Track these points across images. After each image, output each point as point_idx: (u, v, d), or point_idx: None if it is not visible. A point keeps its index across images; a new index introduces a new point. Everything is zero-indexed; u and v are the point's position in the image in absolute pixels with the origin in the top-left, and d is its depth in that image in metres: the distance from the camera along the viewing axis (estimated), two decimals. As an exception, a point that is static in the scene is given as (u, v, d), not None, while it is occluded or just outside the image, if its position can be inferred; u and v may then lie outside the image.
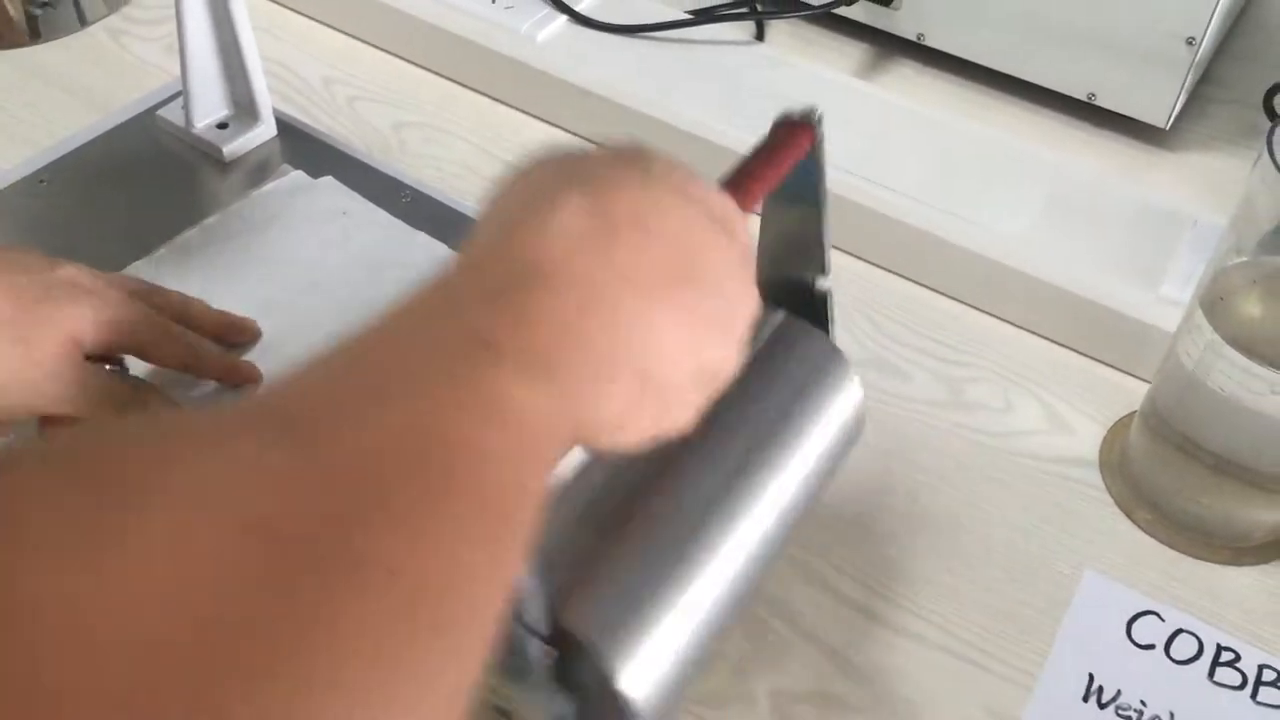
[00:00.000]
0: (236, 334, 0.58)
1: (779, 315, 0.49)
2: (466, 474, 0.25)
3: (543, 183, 0.33)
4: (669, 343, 0.32)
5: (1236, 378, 0.53)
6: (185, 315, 0.55)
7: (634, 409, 0.32)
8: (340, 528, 0.22)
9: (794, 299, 0.50)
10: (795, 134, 0.47)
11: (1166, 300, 0.64)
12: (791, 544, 0.56)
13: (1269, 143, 0.50)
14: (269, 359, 0.57)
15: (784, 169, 0.45)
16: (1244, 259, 0.53)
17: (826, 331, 0.50)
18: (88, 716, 0.18)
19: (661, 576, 0.40)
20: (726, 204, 0.37)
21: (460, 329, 0.27)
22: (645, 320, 0.31)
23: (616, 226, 0.31)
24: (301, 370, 0.26)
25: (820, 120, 0.47)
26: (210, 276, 0.62)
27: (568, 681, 0.39)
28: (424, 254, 0.64)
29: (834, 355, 0.49)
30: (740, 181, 0.42)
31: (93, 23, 0.56)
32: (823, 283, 0.50)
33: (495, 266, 0.30)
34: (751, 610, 0.55)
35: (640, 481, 0.42)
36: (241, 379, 0.56)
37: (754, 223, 0.44)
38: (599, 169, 0.34)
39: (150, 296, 0.54)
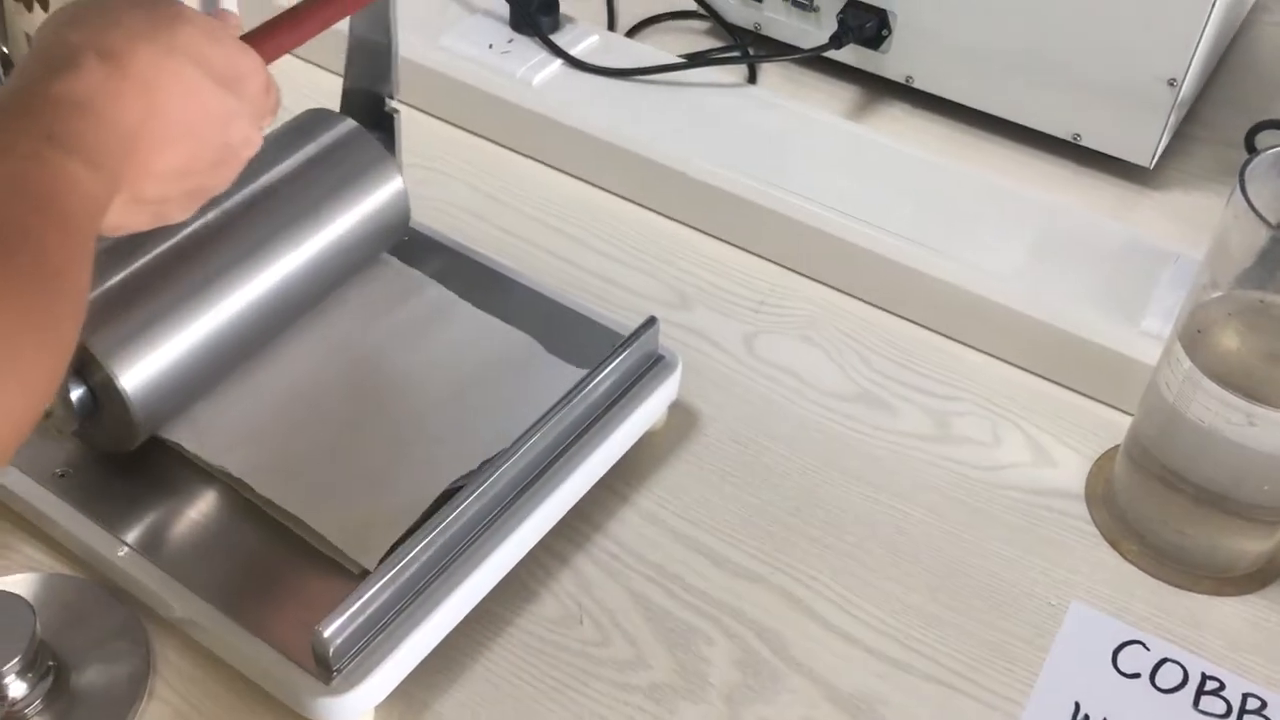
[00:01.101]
0: None
1: (346, 122, 0.63)
2: (57, 204, 0.37)
3: (75, 31, 0.42)
4: (165, 170, 0.44)
5: (1215, 409, 0.54)
6: None
7: (131, 212, 0.44)
8: None
9: (371, 112, 0.64)
10: None
11: (1148, 334, 0.65)
12: (780, 573, 0.58)
13: (1241, 180, 0.51)
14: (276, 376, 0.60)
15: (336, 12, 0.54)
16: (1219, 293, 0.54)
17: (392, 140, 0.64)
18: None
19: (166, 304, 0.55)
20: (241, 63, 0.47)
21: (33, 127, 0.39)
22: (145, 154, 0.43)
23: (130, 82, 0.42)
24: None
25: None
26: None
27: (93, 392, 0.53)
28: (417, 290, 0.65)
29: (380, 155, 0.63)
30: (271, 32, 0.51)
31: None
32: (390, 105, 0.64)
33: (45, 92, 0.40)
34: (740, 638, 0.56)
35: (173, 247, 0.56)
36: None
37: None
38: (124, 33, 0.43)
39: None
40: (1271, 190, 0.52)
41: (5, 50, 0.68)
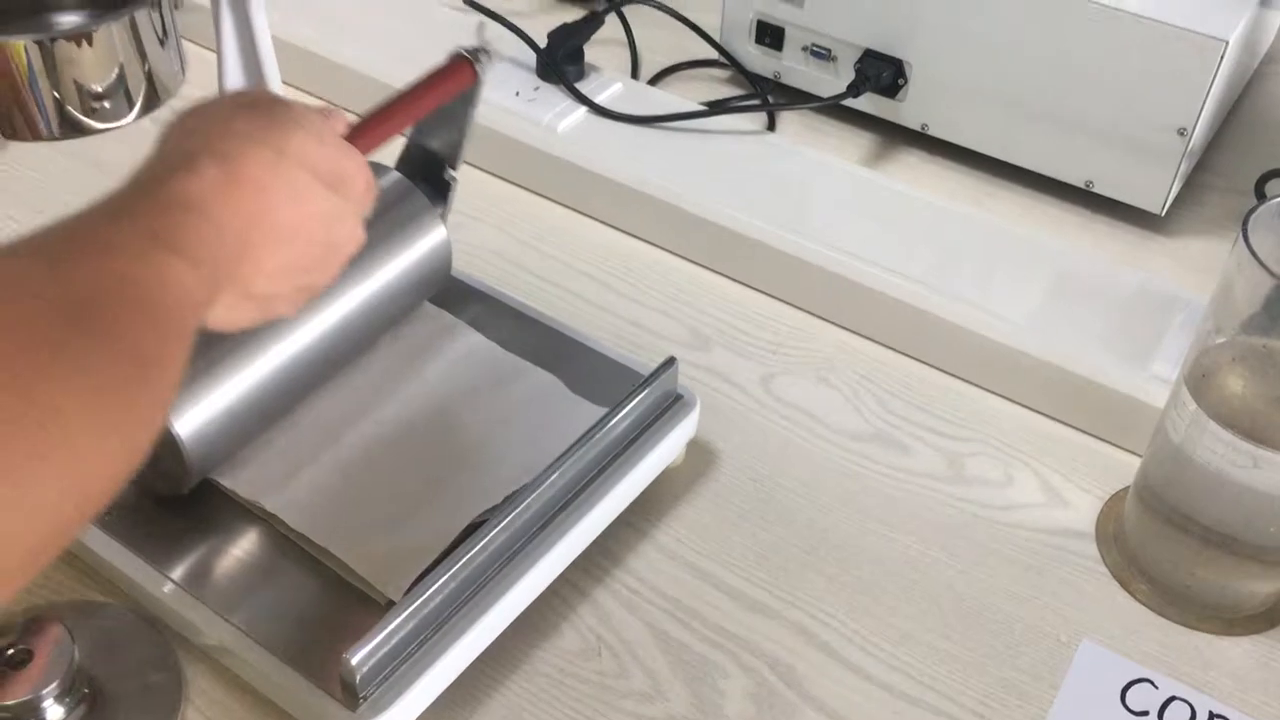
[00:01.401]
0: None
1: (390, 174, 0.65)
2: (153, 298, 0.38)
3: (193, 136, 0.45)
4: (274, 268, 0.46)
5: (1220, 451, 0.55)
6: None
7: (240, 308, 0.47)
8: (74, 322, 0.35)
9: (426, 171, 0.65)
10: (461, 69, 0.58)
11: (1158, 378, 0.67)
12: (794, 608, 0.59)
13: (1244, 229, 0.53)
14: (312, 416, 0.62)
15: (431, 104, 0.58)
16: (1224, 339, 0.55)
17: (445, 204, 0.65)
18: None
19: (218, 353, 0.57)
20: (347, 165, 0.49)
21: (140, 225, 0.40)
22: (255, 253, 0.45)
23: (242, 185, 0.44)
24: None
25: (485, 60, 0.59)
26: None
27: None
28: (449, 333, 0.67)
29: (426, 207, 0.64)
30: (370, 128, 0.54)
31: (145, 115, 0.60)
32: (450, 174, 0.65)
33: (157, 191, 0.42)
34: (755, 672, 0.58)
35: None
36: None
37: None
38: (238, 138, 0.45)
39: None
40: (1275, 239, 0.53)
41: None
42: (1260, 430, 0.55)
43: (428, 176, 0.65)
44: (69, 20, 0.60)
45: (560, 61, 0.86)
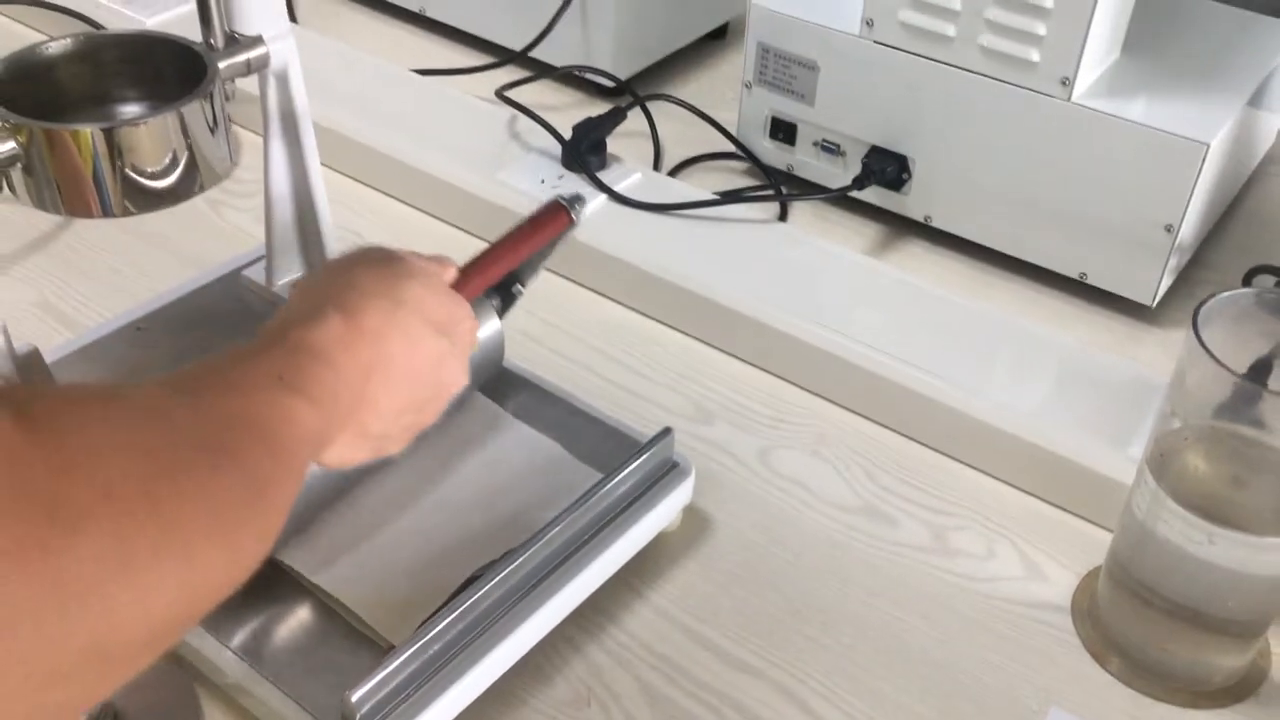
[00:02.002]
0: None
1: None
2: (272, 433, 0.42)
3: (320, 291, 0.50)
4: (388, 409, 0.50)
5: (1179, 528, 0.59)
6: None
7: (356, 446, 0.51)
8: (202, 449, 0.38)
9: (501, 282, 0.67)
10: (558, 215, 0.64)
11: (1132, 459, 0.70)
12: (777, 668, 0.62)
13: (1194, 321, 0.56)
14: (332, 478, 0.66)
15: (532, 249, 0.64)
16: (1180, 423, 0.59)
17: (506, 308, 0.68)
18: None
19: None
20: (455, 310, 0.53)
21: (266, 367, 0.45)
22: (371, 396, 0.49)
23: (362, 334, 0.49)
24: (185, 370, 0.43)
25: (580, 207, 0.65)
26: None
27: None
28: (472, 410, 0.72)
29: (484, 303, 0.67)
30: (475, 274, 0.60)
31: (195, 195, 0.66)
32: (519, 289, 0.68)
33: (285, 338, 0.47)
34: (736, 728, 0.61)
35: None
36: None
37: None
38: (359, 292, 0.50)
39: None
40: (1225, 330, 0.57)
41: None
42: (1216, 509, 0.58)
43: (498, 285, 0.67)
44: (130, 110, 0.66)
45: (584, 152, 0.91)
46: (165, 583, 0.35)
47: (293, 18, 1.14)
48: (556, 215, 0.65)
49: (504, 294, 0.70)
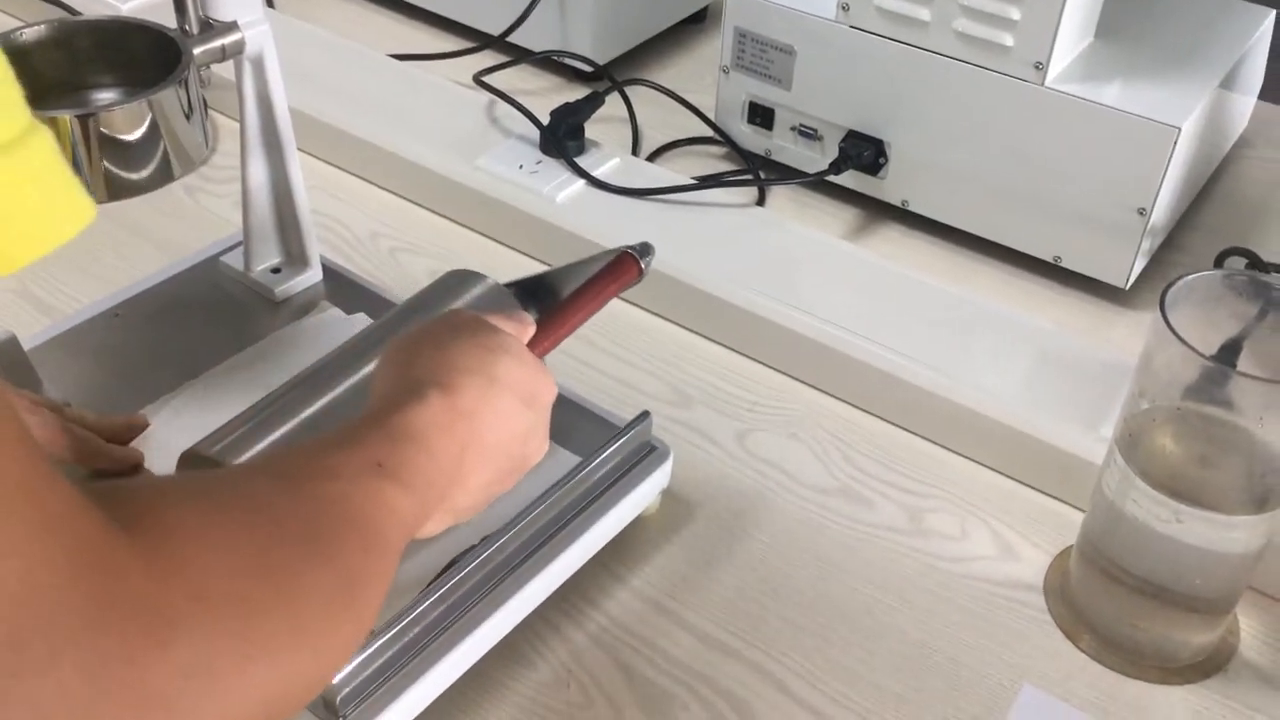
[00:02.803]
0: (125, 434, 0.66)
1: (485, 281, 0.67)
2: (367, 521, 0.42)
3: (418, 364, 0.50)
4: (476, 485, 0.51)
5: (1147, 507, 0.59)
6: (80, 420, 0.63)
7: (442, 521, 0.52)
8: (299, 544, 0.39)
9: (542, 300, 0.67)
10: (628, 266, 0.64)
11: (1104, 440, 0.70)
12: (754, 648, 0.63)
13: (1161, 304, 0.57)
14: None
15: (603, 302, 0.63)
16: (1148, 404, 0.59)
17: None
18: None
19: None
20: (541, 383, 0.53)
21: (366, 454, 0.45)
22: (463, 475, 0.50)
23: (460, 415, 0.49)
24: (289, 451, 0.42)
25: (649, 257, 0.65)
26: (254, 393, 0.71)
27: None
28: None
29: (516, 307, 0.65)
30: (557, 324, 0.61)
31: (171, 181, 0.66)
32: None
33: (386, 422, 0.47)
34: (713, 706, 0.62)
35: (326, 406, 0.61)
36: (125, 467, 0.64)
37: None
38: (457, 369, 0.50)
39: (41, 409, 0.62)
40: (1191, 312, 0.58)
41: None
42: (1184, 488, 0.59)
43: (539, 302, 0.67)
44: (105, 97, 0.66)
45: (562, 138, 0.92)
46: (250, 693, 0.35)
47: (268, 2, 1.14)
48: (626, 267, 0.65)
49: (542, 309, 0.67)
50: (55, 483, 0.31)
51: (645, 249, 0.65)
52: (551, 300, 0.67)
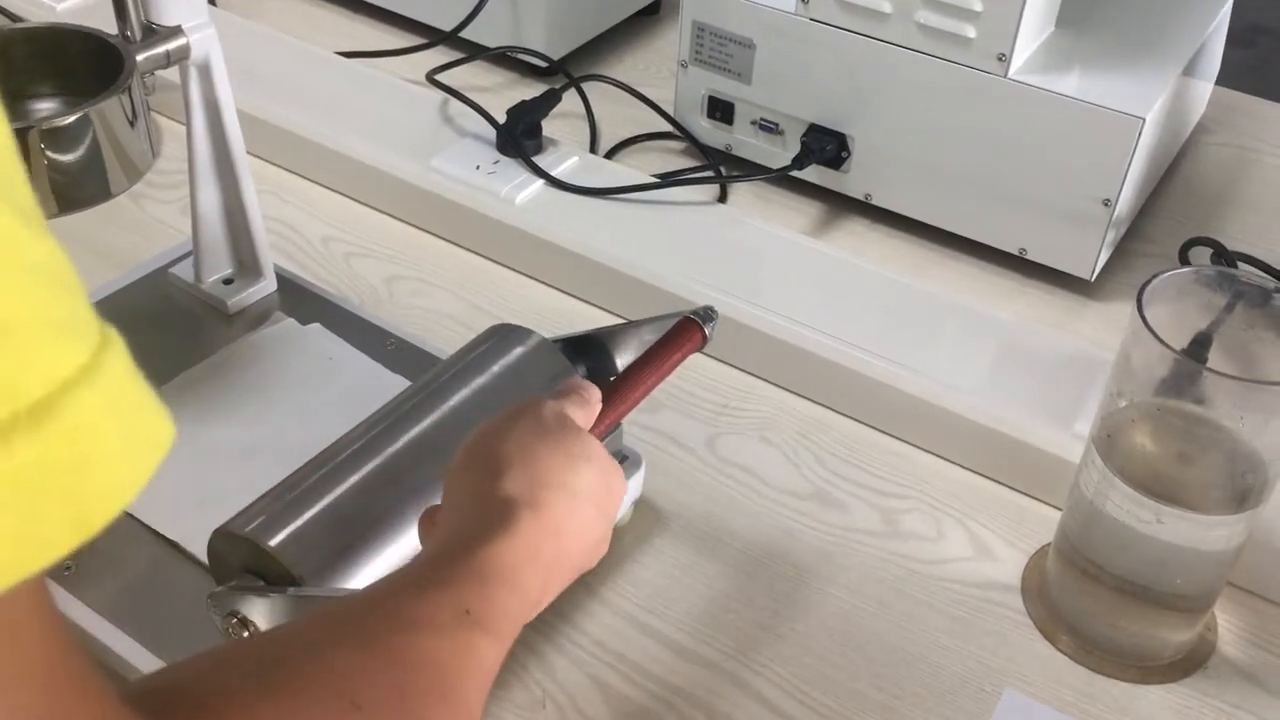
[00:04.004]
0: None
1: (534, 336, 0.65)
2: (451, 679, 0.41)
3: (503, 476, 0.48)
4: (547, 599, 0.49)
5: (1127, 507, 0.59)
6: None
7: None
8: (393, 694, 0.38)
9: (593, 360, 0.66)
10: (692, 333, 0.61)
11: (1079, 437, 0.70)
12: (732, 659, 0.62)
13: (1139, 301, 0.56)
14: (258, 487, 0.64)
15: (669, 370, 0.60)
16: (1125, 402, 0.59)
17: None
18: None
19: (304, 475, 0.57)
20: (616, 489, 0.51)
21: (455, 598, 0.43)
22: (544, 597, 0.48)
23: (547, 536, 0.47)
24: (370, 600, 0.42)
25: (713, 320, 0.62)
26: (207, 409, 0.69)
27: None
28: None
29: (566, 368, 0.64)
30: (624, 396, 0.58)
31: (116, 195, 0.64)
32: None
33: (475, 558, 0.44)
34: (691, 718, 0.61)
35: (378, 469, 0.58)
36: None
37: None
38: (544, 485, 0.48)
39: None
40: (1168, 309, 0.57)
41: None
42: (1163, 487, 0.58)
43: (589, 360, 0.66)
44: (45, 108, 0.63)
45: (519, 136, 0.90)
46: None
47: (212, 0, 1.10)
48: (689, 335, 0.61)
49: (592, 368, 0.66)
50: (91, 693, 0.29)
51: (708, 314, 0.62)
52: (600, 357, 0.65)
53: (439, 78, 0.98)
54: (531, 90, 0.98)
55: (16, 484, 0.24)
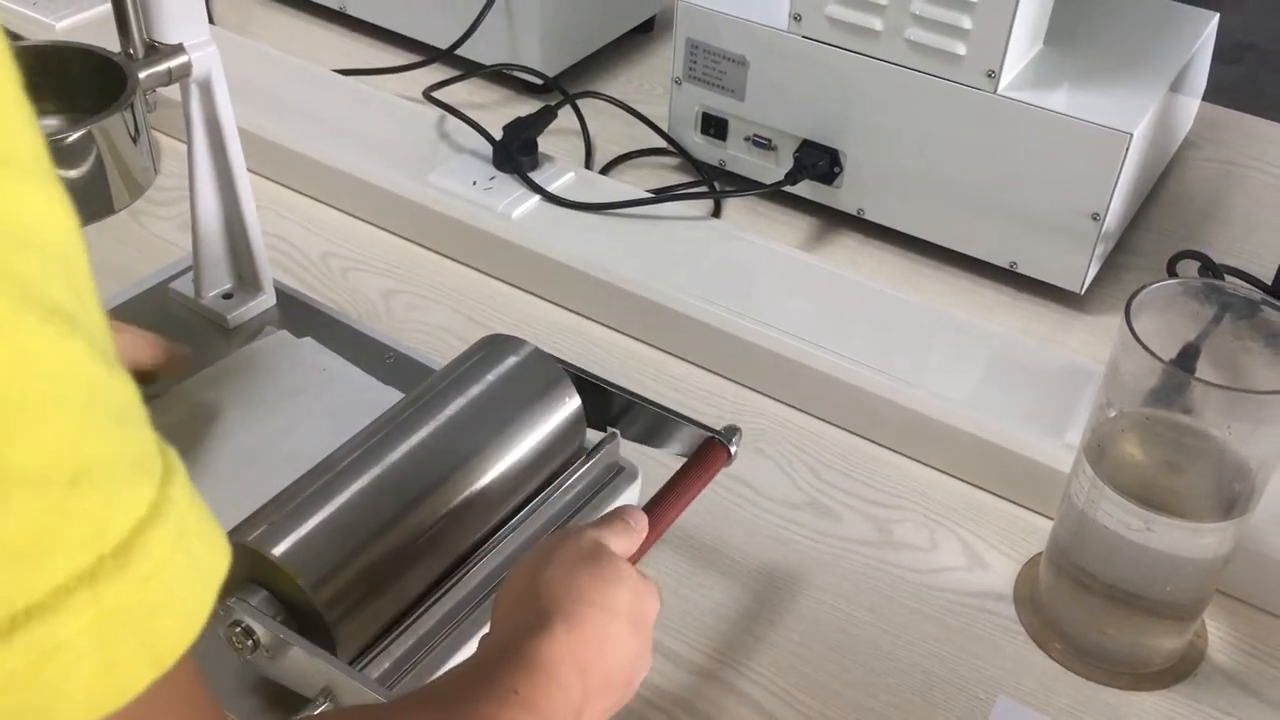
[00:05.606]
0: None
1: (526, 346, 0.67)
2: None
3: (543, 594, 0.51)
4: (597, 712, 0.51)
5: (1117, 515, 0.60)
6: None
7: None
8: None
9: (600, 408, 0.68)
10: (716, 452, 0.63)
11: (1070, 447, 0.71)
12: (728, 668, 0.62)
13: (1127, 313, 0.57)
14: (251, 498, 0.64)
15: (697, 492, 0.62)
16: (1115, 412, 0.60)
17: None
18: None
19: (385, 543, 0.57)
20: (649, 610, 0.54)
21: (503, 682, 0.47)
22: (588, 702, 0.50)
23: (582, 646, 0.50)
24: (440, 683, 0.49)
25: (737, 439, 0.64)
26: (202, 421, 0.70)
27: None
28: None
29: (560, 376, 0.66)
30: (658, 518, 0.59)
31: (119, 210, 0.65)
32: (613, 430, 0.67)
33: (515, 651, 0.49)
34: (689, 731, 0.61)
35: (377, 480, 0.59)
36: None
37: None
38: (579, 601, 0.51)
39: None
40: (1157, 320, 0.58)
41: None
42: (1153, 496, 0.59)
43: (584, 400, 0.66)
44: (47, 124, 0.64)
45: (515, 153, 0.91)
46: None
47: (209, 19, 1.11)
48: (715, 456, 0.64)
49: (596, 412, 0.67)
50: None
51: (730, 432, 0.65)
52: (597, 405, 0.67)
53: (436, 95, 0.99)
54: (527, 107, 0.99)
55: (102, 629, 0.25)
